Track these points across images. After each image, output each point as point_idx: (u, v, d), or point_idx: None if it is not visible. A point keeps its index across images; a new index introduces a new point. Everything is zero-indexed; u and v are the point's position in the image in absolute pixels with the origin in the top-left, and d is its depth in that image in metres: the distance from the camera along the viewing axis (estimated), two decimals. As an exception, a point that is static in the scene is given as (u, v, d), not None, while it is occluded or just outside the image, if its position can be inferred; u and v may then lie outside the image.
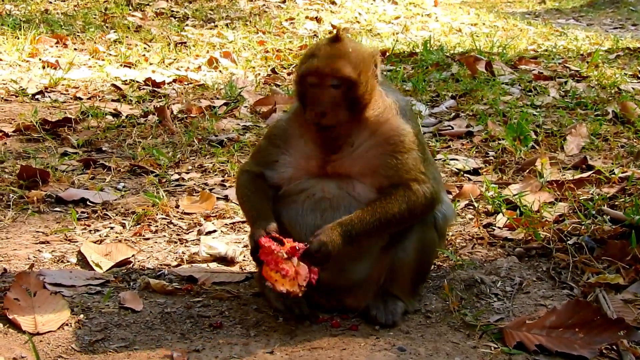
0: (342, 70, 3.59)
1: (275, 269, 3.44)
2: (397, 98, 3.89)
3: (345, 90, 3.61)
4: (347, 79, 3.60)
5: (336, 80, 3.60)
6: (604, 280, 4.01)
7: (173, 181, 5.96)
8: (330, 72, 3.59)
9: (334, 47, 3.66)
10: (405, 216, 3.68)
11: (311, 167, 3.76)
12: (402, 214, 3.66)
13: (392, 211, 3.64)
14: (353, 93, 3.63)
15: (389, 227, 3.68)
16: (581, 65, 9.86)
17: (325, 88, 3.61)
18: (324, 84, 3.61)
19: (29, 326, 3.62)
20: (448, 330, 3.70)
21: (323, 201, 3.72)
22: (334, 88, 3.61)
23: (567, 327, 3.50)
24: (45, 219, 5.15)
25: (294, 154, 3.80)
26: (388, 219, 3.63)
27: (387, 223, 3.64)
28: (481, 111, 7.56)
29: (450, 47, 11.74)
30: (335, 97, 3.61)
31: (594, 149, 6.43)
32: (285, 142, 3.84)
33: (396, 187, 3.68)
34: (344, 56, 3.62)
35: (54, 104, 8.16)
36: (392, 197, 3.66)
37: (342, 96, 3.62)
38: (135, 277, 4.31)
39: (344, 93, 3.62)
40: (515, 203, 5.11)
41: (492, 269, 4.28)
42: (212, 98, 8.54)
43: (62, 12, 14.63)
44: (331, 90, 3.61)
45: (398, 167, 3.69)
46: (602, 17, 20.42)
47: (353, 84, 3.61)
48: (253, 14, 15.02)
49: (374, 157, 3.71)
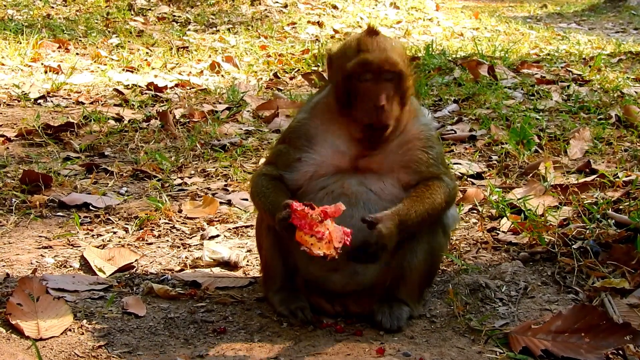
0: (397, 63, 3.55)
1: (310, 232, 3.34)
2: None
3: (397, 84, 3.58)
4: (400, 72, 3.57)
5: (390, 73, 3.55)
6: (610, 284, 3.99)
7: (176, 186, 5.95)
8: (388, 67, 3.54)
9: (379, 40, 3.60)
10: (444, 207, 3.69)
11: (341, 162, 3.70)
12: (442, 205, 3.66)
13: (437, 201, 3.63)
14: (403, 86, 3.60)
15: (432, 218, 3.65)
16: (583, 69, 9.85)
17: (381, 82, 3.55)
18: (380, 77, 3.55)
19: (32, 331, 3.60)
20: (453, 335, 3.68)
21: (342, 197, 3.64)
22: (388, 81, 3.56)
23: (573, 331, 3.48)
24: (47, 223, 5.14)
25: (320, 150, 3.73)
26: (434, 209, 3.62)
27: (433, 214, 3.63)
28: (484, 115, 7.55)
29: (453, 51, 11.73)
30: (389, 91, 3.56)
31: (597, 152, 6.42)
32: (309, 140, 3.76)
33: (430, 180, 3.68)
34: (393, 49, 3.59)
35: (56, 109, 8.15)
36: (433, 187, 3.65)
37: (394, 90, 3.58)
38: (138, 282, 4.29)
39: (396, 86, 3.58)
40: (519, 207, 5.10)
41: (496, 273, 4.27)
42: (214, 102, 8.54)
43: (64, 17, 14.63)
44: (387, 84, 3.56)
45: (430, 163, 3.70)
46: (604, 21, 20.41)
47: (404, 76, 3.59)
48: (255, 18, 15.02)
49: (405, 152, 3.71)
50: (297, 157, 3.74)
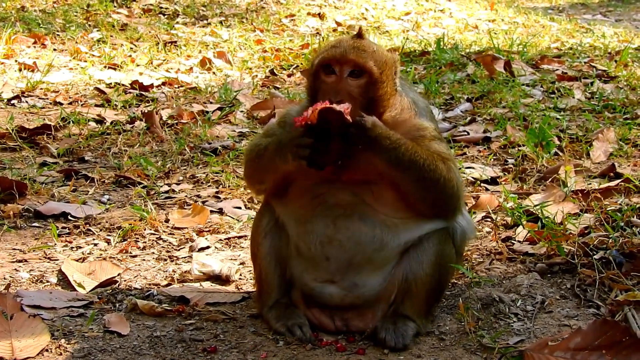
0: (365, 60, 3.66)
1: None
2: (416, 99, 3.95)
3: (365, 84, 3.67)
4: (368, 70, 3.66)
5: (357, 69, 3.66)
6: (634, 297, 4.01)
7: (162, 193, 5.99)
8: (353, 59, 3.65)
9: (357, 41, 3.74)
10: (439, 185, 3.70)
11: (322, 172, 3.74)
12: (439, 178, 3.69)
13: (437, 165, 3.67)
14: (373, 90, 3.68)
15: (423, 180, 3.67)
16: (609, 65, 9.89)
17: (343, 78, 3.66)
18: (343, 73, 3.66)
19: (6, 352, 3.63)
20: (464, 354, 3.71)
21: (336, 208, 3.77)
22: (353, 78, 3.66)
23: (594, 348, 3.51)
24: (22, 235, 5.17)
25: None
26: (431, 170, 3.65)
27: (427, 173, 3.65)
28: (499, 115, 7.59)
29: (466, 45, 11.78)
30: (353, 90, 3.66)
31: (622, 155, 6.45)
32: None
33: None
34: (368, 51, 3.70)
35: (31, 110, 8.19)
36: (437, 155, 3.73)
37: (360, 90, 3.67)
38: (121, 298, 4.32)
39: (364, 87, 3.67)
40: (536, 215, 5.12)
41: (511, 286, 4.30)
42: (204, 102, 8.58)
43: (40, 10, 14.67)
44: (349, 81, 3.66)
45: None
46: (633, 11, 20.46)
47: (374, 79, 3.67)
48: (250, 10, 15.07)
49: None
50: None
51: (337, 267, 3.83)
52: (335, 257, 3.82)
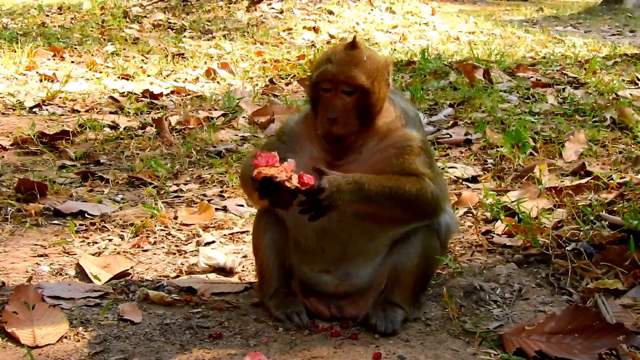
0: (356, 77, 3.61)
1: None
2: (407, 108, 3.90)
3: (358, 98, 3.64)
4: (360, 87, 3.62)
5: (349, 87, 3.62)
6: (603, 285, 4.01)
7: (171, 192, 5.97)
8: (344, 79, 3.62)
9: (349, 53, 3.67)
10: (412, 201, 3.64)
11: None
12: (411, 197, 3.63)
13: (404, 188, 3.61)
14: (365, 101, 3.65)
15: (397, 204, 3.62)
16: (579, 72, 9.89)
17: (338, 94, 3.63)
18: (337, 90, 3.63)
19: (28, 339, 3.62)
20: (448, 338, 3.70)
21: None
22: (347, 95, 3.63)
23: (567, 332, 3.51)
24: (43, 232, 5.16)
25: (301, 154, 3.79)
26: (400, 194, 3.60)
27: (397, 198, 3.60)
28: (479, 119, 7.58)
29: (448, 55, 11.78)
30: (348, 104, 3.63)
31: (592, 155, 6.44)
32: (293, 142, 3.85)
33: (408, 175, 3.68)
34: (359, 63, 3.64)
35: (51, 117, 8.18)
36: (405, 177, 3.66)
37: (354, 103, 3.64)
38: (134, 289, 4.31)
39: (356, 100, 3.64)
40: (513, 210, 5.11)
41: (491, 275, 4.29)
42: (210, 109, 8.57)
43: (59, 25, 14.68)
44: (343, 97, 3.63)
45: (404, 165, 3.69)
46: (600, 23, 20.49)
47: (366, 91, 3.63)
48: (251, 24, 15.06)
49: (379, 160, 3.72)
50: (281, 157, 3.78)
51: (332, 258, 3.84)
52: (330, 248, 3.82)
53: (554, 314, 3.64)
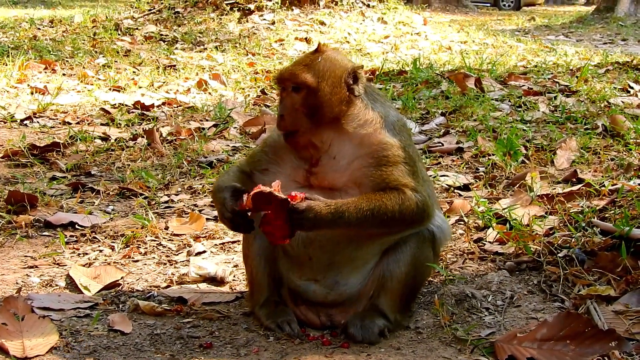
0: (299, 75, 3.71)
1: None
2: (385, 112, 3.84)
3: (305, 96, 3.70)
4: (303, 84, 3.69)
5: (295, 84, 3.72)
6: (595, 292, 4.01)
7: (162, 203, 5.96)
8: (288, 75, 3.74)
9: (308, 56, 3.82)
10: (396, 218, 3.63)
11: (298, 177, 3.79)
12: (394, 214, 3.62)
13: (386, 207, 3.60)
14: (313, 100, 3.69)
15: (380, 224, 3.62)
16: (570, 80, 9.92)
17: (288, 92, 3.74)
18: (287, 88, 3.75)
19: (17, 351, 3.59)
20: (439, 346, 3.69)
21: None
22: (295, 93, 3.72)
23: (559, 339, 3.51)
24: (33, 243, 5.14)
25: (282, 164, 3.83)
26: (381, 214, 3.59)
27: (379, 218, 3.59)
28: (471, 127, 7.59)
29: (440, 64, 11.81)
30: (296, 102, 3.71)
31: (584, 162, 6.45)
32: (275, 152, 3.88)
33: (390, 190, 3.67)
34: (310, 64, 3.75)
35: (42, 129, 8.17)
36: (386, 194, 3.64)
37: (301, 101, 3.70)
38: (124, 300, 4.29)
39: (303, 99, 3.70)
40: (505, 217, 5.12)
41: (483, 283, 4.29)
42: (201, 120, 8.57)
43: (51, 38, 14.69)
44: (292, 94, 3.73)
45: (383, 177, 3.67)
46: (592, 32, 20.58)
47: (312, 90, 3.69)
48: (242, 36, 15.10)
49: (357, 169, 3.71)
50: (265, 168, 3.89)
51: (319, 266, 3.83)
52: (317, 257, 3.81)
53: (545, 320, 3.63)
